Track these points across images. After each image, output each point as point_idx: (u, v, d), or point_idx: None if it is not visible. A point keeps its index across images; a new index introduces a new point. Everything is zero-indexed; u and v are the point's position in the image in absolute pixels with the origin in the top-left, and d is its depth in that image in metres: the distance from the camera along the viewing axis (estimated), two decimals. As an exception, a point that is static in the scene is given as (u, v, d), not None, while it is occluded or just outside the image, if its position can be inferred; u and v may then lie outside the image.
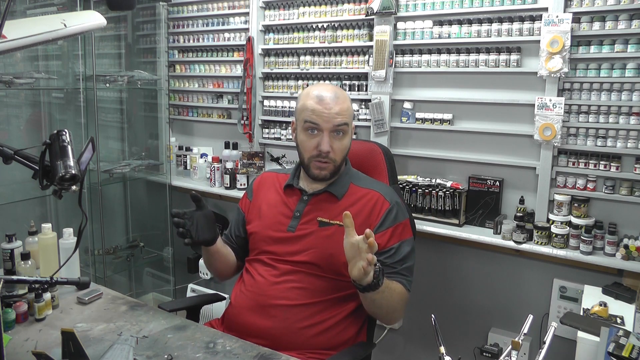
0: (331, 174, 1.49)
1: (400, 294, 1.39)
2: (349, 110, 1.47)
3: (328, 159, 1.45)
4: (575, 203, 1.90)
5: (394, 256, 1.43)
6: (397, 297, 1.37)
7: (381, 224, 1.45)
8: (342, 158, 1.49)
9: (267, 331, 1.37)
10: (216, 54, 2.90)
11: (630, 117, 1.80)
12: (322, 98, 1.44)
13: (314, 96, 1.45)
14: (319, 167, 1.46)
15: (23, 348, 1.19)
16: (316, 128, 1.43)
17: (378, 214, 1.46)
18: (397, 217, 1.47)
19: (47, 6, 2.75)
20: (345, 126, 1.45)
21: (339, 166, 1.49)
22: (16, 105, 2.70)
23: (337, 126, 1.43)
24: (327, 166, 1.46)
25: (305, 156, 1.48)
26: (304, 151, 1.48)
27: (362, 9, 2.33)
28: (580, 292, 1.85)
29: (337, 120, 1.43)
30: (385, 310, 1.37)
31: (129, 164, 2.87)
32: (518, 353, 1.02)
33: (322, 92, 1.46)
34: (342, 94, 1.48)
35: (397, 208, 1.48)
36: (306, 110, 1.44)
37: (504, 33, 2.02)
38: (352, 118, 1.50)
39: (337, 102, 1.44)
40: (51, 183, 1.06)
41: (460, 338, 2.19)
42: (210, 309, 2.51)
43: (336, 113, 1.43)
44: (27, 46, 1.12)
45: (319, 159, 1.45)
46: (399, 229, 1.46)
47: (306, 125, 1.45)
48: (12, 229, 1.56)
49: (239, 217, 1.65)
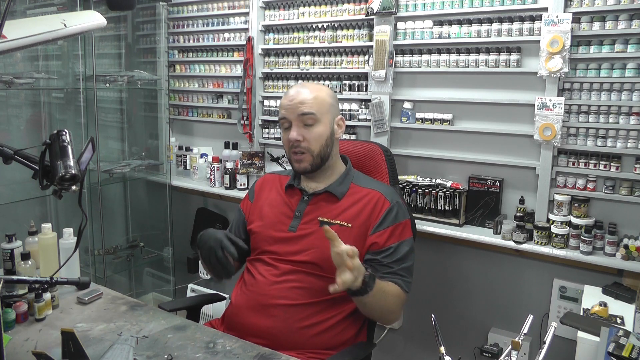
0: (312, 166, 1.49)
1: (396, 295, 1.39)
2: (316, 99, 1.48)
3: (302, 149, 1.47)
4: (575, 203, 1.90)
5: (391, 256, 1.43)
6: (391, 299, 1.37)
7: (380, 224, 1.45)
8: (320, 147, 1.48)
9: (267, 331, 1.37)
10: (216, 54, 2.90)
11: (630, 117, 1.80)
12: (289, 93, 1.50)
13: (287, 93, 1.52)
14: (296, 160, 1.50)
15: (23, 348, 1.19)
16: (286, 121, 1.49)
17: (378, 214, 1.46)
18: (397, 217, 1.47)
19: (47, 6, 2.75)
20: (312, 115, 1.46)
21: (320, 156, 1.49)
22: (16, 105, 2.70)
23: (302, 115, 1.46)
24: (304, 157, 1.48)
25: (286, 153, 1.53)
26: (285, 148, 1.53)
27: (362, 9, 2.33)
28: (580, 292, 1.85)
29: (300, 109, 1.46)
30: (378, 312, 1.39)
31: (129, 164, 2.87)
32: (518, 353, 1.02)
33: (295, 87, 1.52)
34: (313, 87, 1.52)
35: (398, 208, 1.48)
36: (279, 109, 1.52)
37: (504, 33, 2.02)
38: (325, 108, 1.49)
39: (302, 93, 1.48)
40: (51, 183, 1.06)
41: (460, 338, 2.19)
42: (210, 309, 2.51)
43: (299, 102, 1.47)
44: (27, 46, 1.12)
45: (294, 151, 1.49)
46: (398, 229, 1.46)
47: (280, 122, 1.52)
48: (12, 229, 1.56)
49: (240, 218, 1.65)
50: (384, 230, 1.44)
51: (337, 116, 1.54)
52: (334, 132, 1.52)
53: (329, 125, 1.50)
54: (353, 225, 1.45)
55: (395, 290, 1.39)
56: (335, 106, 1.54)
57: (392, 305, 1.38)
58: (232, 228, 1.68)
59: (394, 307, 1.40)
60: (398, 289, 1.40)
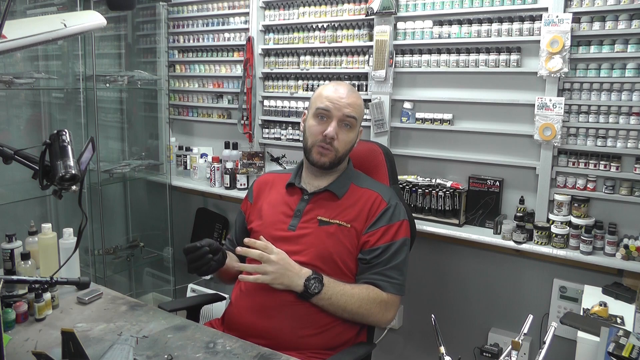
0: (331, 163, 1.50)
1: (368, 298, 1.39)
2: (360, 107, 1.54)
3: (331, 147, 1.48)
4: (575, 203, 1.90)
5: (379, 256, 1.43)
6: (357, 302, 1.37)
7: (374, 224, 1.46)
8: (345, 151, 1.52)
9: (267, 331, 1.37)
10: (216, 54, 2.90)
11: (630, 117, 1.80)
12: (338, 89, 1.52)
13: (331, 86, 1.54)
14: (320, 153, 1.49)
15: (23, 348, 1.19)
16: (326, 115, 1.49)
17: (374, 214, 1.47)
18: (392, 217, 1.48)
19: (47, 6, 2.75)
20: (354, 120, 1.50)
21: (340, 158, 1.51)
22: (16, 105, 2.70)
23: (347, 117, 1.48)
24: (329, 153, 1.48)
25: (310, 140, 1.52)
26: (310, 135, 1.51)
27: (362, 9, 2.33)
28: (580, 292, 1.85)
29: (347, 110, 1.48)
30: (346, 314, 1.39)
31: (129, 164, 2.87)
32: (518, 353, 1.02)
33: (339, 85, 1.55)
34: (356, 92, 1.56)
35: (395, 209, 1.49)
36: (321, 97, 1.51)
37: (504, 33, 2.02)
38: (361, 116, 1.55)
39: (351, 95, 1.51)
40: (51, 183, 1.05)
41: (460, 338, 2.19)
42: (210, 309, 2.51)
43: (348, 104, 1.49)
44: (27, 46, 1.12)
45: (322, 144, 1.48)
46: (391, 229, 1.46)
47: (317, 112, 1.50)
48: (12, 229, 1.56)
49: (241, 219, 1.67)
50: (376, 230, 1.45)
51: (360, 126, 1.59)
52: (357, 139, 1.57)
53: (357, 133, 1.56)
54: (351, 226, 1.46)
55: (369, 293, 1.39)
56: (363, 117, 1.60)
57: (359, 308, 1.38)
58: (235, 231, 1.69)
59: (363, 309, 1.39)
60: (375, 290, 1.40)
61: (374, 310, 1.40)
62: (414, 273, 2.22)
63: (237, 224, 1.69)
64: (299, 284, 1.34)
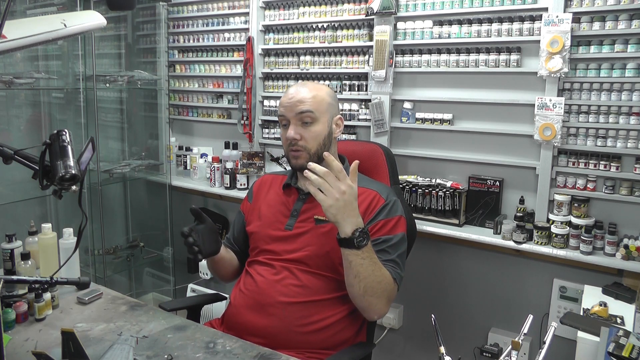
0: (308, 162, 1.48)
1: (387, 279, 1.34)
2: (315, 98, 1.48)
3: (299, 147, 1.47)
4: (575, 203, 1.90)
5: (380, 244, 1.40)
6: (379, 277, 1.31)
7: (373, 219, 1.45)
8: (318, 145, 1.48)
9: (266, 330, 1.37)
10: (216, 54, 2.90)
11: (630, 117, 1.80)
12: (288, 91, 1.51)
13: (286, 92, 1.52)
14: (293, 157, 1.50)
15: (23, 348, 1.19)
16: (285, 120, 1.50)
17: (372, 210, 1.46)
18: (390, 213, 1.46)
19: (47, 6, 2.75)
20: (310, 113, 1.46)
21: (315, 154, 1.48)
22: (16, 105, 2.70)
23: (300, 114, 1.46)
24: (300, 154, 1.48)
25: (284, 149, 1.53)
26: (283, 146, 1.54)
27: (362, 9, 2.33)
28: (580, 292, 1.85)
29: (298, 107, 1.46)
30: (362, 285, 1.29)
31: (129, 164, 2.87)
32: (518, 353, 1.02)
33: (293, 87, 1.53)
34: (313, 86, 1.52)
35: (392, 205, 1.48)
36: (279, 107, 1.53)
37: (504, 33, 2.02)
38: (323, 107, 1.49)
39: (301, 92, 1.49)
40: (51, 183, 1.06)
41: (460, 338, 2.19)
42: (211, 309, 2.51)
43: (297, 100, 1.47)
44: (27, 46, 1.12)
45: (291, 148, 1.49)
46: (390, 224, 1.45)
47: (279, 120, 1.53)
48: (12, 229, 1.56)
49: (240, 219, 1.66)
50: (376, 223, 1.44)
51: (336, 115, 1.54)
52: (332, 131, 1.52)
53: (327, 124, 1.50)
54: None
55: (387, 276, 1.35)
56: (334, 105, 1.54)
57: (378, 284, 1.31)
58: (234, 231, 1.69)
59: (379, 290, 1.32)
60: (390, 276, 1.36)
61: (383, 295, 1.34)
62: (414, 273, 2.22)
63: (235, 223, 1.69)
64: (349, 227, 1.25)
